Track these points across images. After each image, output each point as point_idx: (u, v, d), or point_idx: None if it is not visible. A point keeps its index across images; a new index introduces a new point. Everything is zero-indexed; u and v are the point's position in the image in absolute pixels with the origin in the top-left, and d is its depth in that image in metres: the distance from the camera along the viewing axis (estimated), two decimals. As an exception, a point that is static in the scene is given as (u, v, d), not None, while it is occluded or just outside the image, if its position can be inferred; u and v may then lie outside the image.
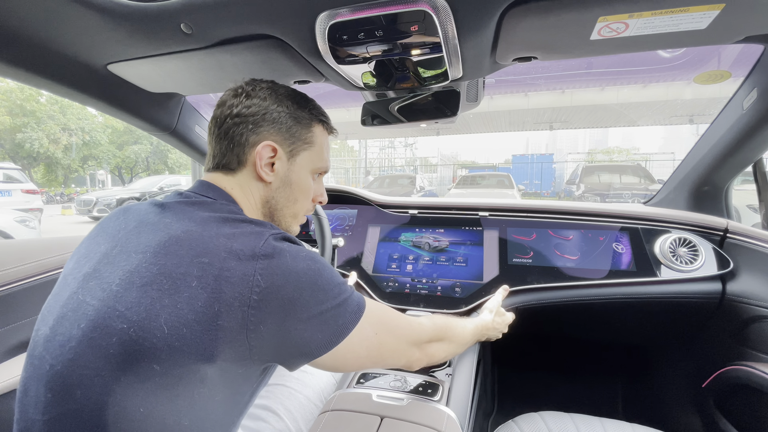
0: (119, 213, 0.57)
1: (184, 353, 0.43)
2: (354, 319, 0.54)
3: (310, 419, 0.82)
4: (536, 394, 1.56)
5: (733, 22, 0.62)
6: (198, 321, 0.44)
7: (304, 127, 0.65)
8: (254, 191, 0.63)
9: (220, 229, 0.50)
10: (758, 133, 0.99)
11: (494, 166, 22.70)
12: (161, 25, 0.66)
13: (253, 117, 0.61)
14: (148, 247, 0.48)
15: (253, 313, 0.46)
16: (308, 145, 0.66)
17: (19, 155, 14.55)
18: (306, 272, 0.50)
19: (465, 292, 1.13)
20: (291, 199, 0.67)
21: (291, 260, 0.50)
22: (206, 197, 0.58)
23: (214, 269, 0.46)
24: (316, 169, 0.69)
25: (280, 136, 0.63)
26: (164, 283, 0.45)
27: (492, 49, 0.72)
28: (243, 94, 0.62)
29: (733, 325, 1.03)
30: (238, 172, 0.62)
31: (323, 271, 0.53)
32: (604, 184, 10.17)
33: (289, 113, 0.63)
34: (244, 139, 0.61)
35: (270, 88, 0.64)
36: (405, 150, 30.83)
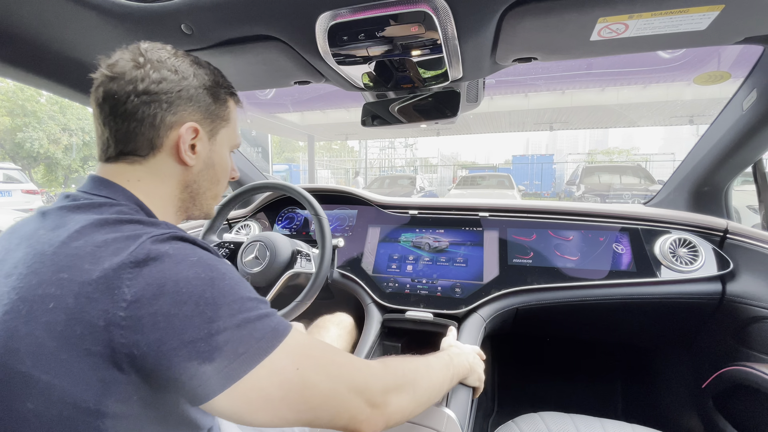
0: (8, 230, 0.49)
1: (62, 390, 0.36)
2: (265, 346, 0.41)
3: None
4: (536, 394, 1.56)
5: (732, 23, 0.62)
6: (62, 349, 0.36)
7: (222, 103, 0.60)
8: (170, 178, 0.56)
9: (93, 236, 0.41)
10: (758, 133, 0.99)
11: (494, 166, 22.69)
12: (162, 25, 0.66)
13: (167, 95, 0.52)
14: (16, 268, 0.41)
15: (122, 334, 0.37)
16: (226, 122, 0.61)
17: (19, 155, 14.55)
18: (191, 280, 0.40)
19: (465, 292, 1.13)
20: (214, 180, 0.62)
21: (172, 266, 0.40)
22: (97, 196, 0.49)
23: (74, 285, 0.38)
24: (233, 145, 0.65)
25: (200, 114, 0.56)
26: (21, 308, 0.38)
27: (492, 50, 0.72)
28: (147, 65, 0.52)
29: (733, 325, 1.03)
30: (150, 159, 0.54)
31: (219, 279, 0.42)
32: (604, 184, 10.17)
33: (206, 89, 0.57)
34: (158, 120, 0.52)
35: (175, 56, 0.55)
36: (405, 150, 30.83)
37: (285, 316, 1.02)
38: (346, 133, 17.76)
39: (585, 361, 1.57)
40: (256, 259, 1.02)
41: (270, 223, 1.50)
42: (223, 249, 1.10)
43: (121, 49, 0.54)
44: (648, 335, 1.30)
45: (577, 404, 1.47)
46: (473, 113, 11.80)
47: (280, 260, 1.03)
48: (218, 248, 1.10)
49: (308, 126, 14.88)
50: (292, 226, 1.48)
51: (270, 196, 1.53)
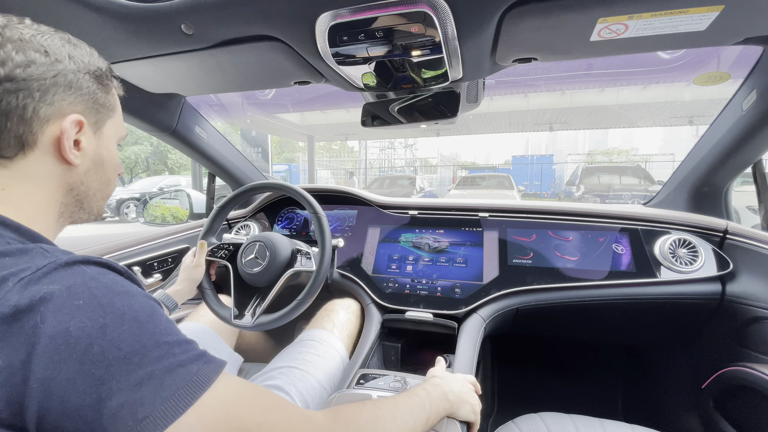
0: None
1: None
2: (178, 404, 0.33)
3: (320, 402, 0.82)
4: (536, 395, 1.56)
5: (732, 23, 0.62)
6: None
7: (106, 90, 0.51)
8: (48, 181, 0.46)
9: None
10: (758, 134, 0.99)
11: (494, 167, 22.70)
12: (162, 25, 0.66)
13: (38, 82, 0.43)
14: None
15: (22, 379, 0.30)
16: (111, 111, 0.53)
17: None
18: (72, 333, 0.32)
19: (465, 293, 1.13)
20: (104, 180, 0.53)
21: (50, 316, 0.32)
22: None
23: None
24: (121, 138, 0.56)
25: (83, 105, 0.47)
26: None
27: (492, 50, 0.73)
28: (8, 44, 0.41)
29: (733, 326, 1.03)
30: (19, 160, 0.44)
31: (114, 326, 0.33)
32: (604, 185, 10.18)
33: (88, 73, 0.48)
34: (29, 112, 0.43)
35: (41, 33, 0.45)
36: (405, 151, 30.85)
37: (286, 315, 1.01)
38: (345, 133, 17.77)
39: (585, 361, 1.57)
40: (256, 259, 1.02)
41: (270, 223, 1.50)
42: (222, 250, 1.10)
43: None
44: (648, 336, 1.30)
45: (577, 404, 1.47)
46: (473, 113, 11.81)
47: (280, 260, 1.03)
48: (218, 249, 1.09)
49: (308, 126, 14.88)
50: (292, 226, 1.48)
51: (270, 196, 1.53)
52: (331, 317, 1.07)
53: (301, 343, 0.97)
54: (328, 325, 1.04)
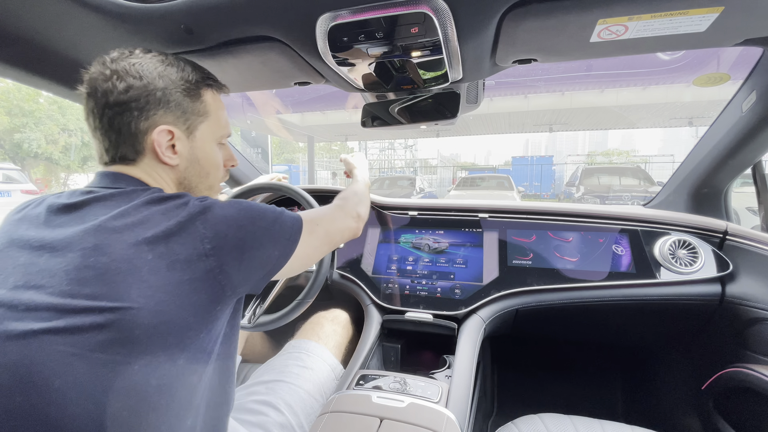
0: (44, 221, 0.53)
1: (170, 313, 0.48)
2: (297, 226, 0.62)
3: (311, 413, 0.82)
4: (536, 396, 1.56)
5: (732, 24, 0.63)
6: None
7: (194, 99, 0.61)
8: (163, 176, 0.60)
9: (150, 209, 0.51)
10: (757, 135, 0.99)
11: (494, 167, 22.71)
12: (162, 26, 0.66)
13: (136, 102, 0.55)
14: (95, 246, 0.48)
15: (213, 259, 0.50)
16: (203, 116, 0.62)
17: (18, 156, 14.54)
18: (239, 212, 0.55)
19: (465, 293, 1.13)
20: (203, 174, 0.65)
21: (221, 209, 0.54)
22: (118, 188, 0.55)
23: (161, 239, 0.49)
24: (219, 137, 0.66)
25: (172, 115, 0.58)
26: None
27: (492, 51, 0.73)
28: (114, 77, 0.55)
29: (733, 327, 1.03)
30: (140, 162, 0.58)
31: (251, 206, 0.58)
32: (604, 186, 10.19)
33: (174, 87, 0.58)
34: (133, 128, 0.56)
35: (141, 60, 0.57)
36: (405, 152, 30.84)
37: (286, 315, 1.01)
38: (345, 134, 17.76)
39: (585, 362, 1.57)
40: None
41: None
42: None
43: (94, 63, 0.57)
44: (648, 336, 1.30)
45: (577, 405, 1.47)
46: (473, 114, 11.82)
47: None
48: None
49: (308, 127, 14.88)
50: (292, 226, 1.48)
51: (270, 196, 1.53)
52: (316, 330, 1.06)
53: (286, 354, 0.96)
54: (314, 336, 1.03)
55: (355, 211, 0.83)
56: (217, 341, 0.54)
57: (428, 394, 0.79)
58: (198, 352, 0.50)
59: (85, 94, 0.57)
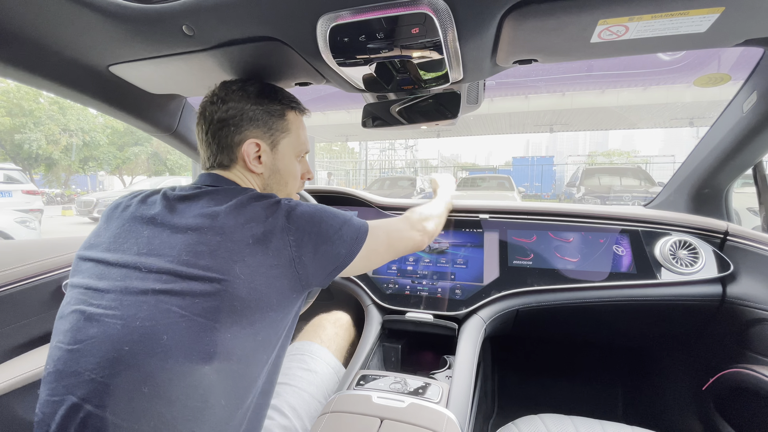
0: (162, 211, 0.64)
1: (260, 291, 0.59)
2: (363, 230, 0.70)
3: (315, 416, 0.82)
4: (536, 396, 1.56)
5: (732, 25, 0.63)
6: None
7: (279, 118, 0.74)
8: (251, 181, 0.73)
9: (254, 205, 0.62)
10: (758, 135, 0.99)
11: (494, 168, 22.72)
12: (163, 26, 0.66)
13: (233, 119, 0.69)
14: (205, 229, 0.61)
15: (294, 249, 0.60)
16: (286, 133, 0.75)
17: (19, 156, 14.55)
18: (316, 212, 0.65)
19: (465, 294, 1.13)
20: (282, 183, 0.77)
21: (304, 209, 0.64)
22: (221, 186, 0.67)
23: (261, 230, 0.59)
24: (298, 152, 0.79)
25: (260, 131, 0.71)
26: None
27: (492, 52, 0.73)
28: (219, 101, 0.70)
29: (734, 327, 1.03)
30: (233, 168, 0.72)
31: (326, 209, 0.67)
32: (605, 186, 10.18)
33: (263, 109, 0.72)
34: (229, 140, 0.70)
35: (240, 89, 0.72)
36: (405, 152, 30.85)
37: None
38: (346, 134, 17.79)
39: (585, 362, 1.56)
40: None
41: None
42: None
43: (207, 92, 0.74)
44: (648, 337, 1.30)
45: (578, 406, 1.47)
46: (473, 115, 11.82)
47: None
48: None
49: (308, 127, 14.86)
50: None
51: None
52: (318, 332, 1.05)
53: (289, 357, 0.95)
54: (317, 339, 1.03)
55: (422, 225, 0.89)
56: (285, 328, 0.64)
57: (429, 395, 0.79)
58: (272, 334, 0.60)
59: (198, 113, 0.73)
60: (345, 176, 23.74)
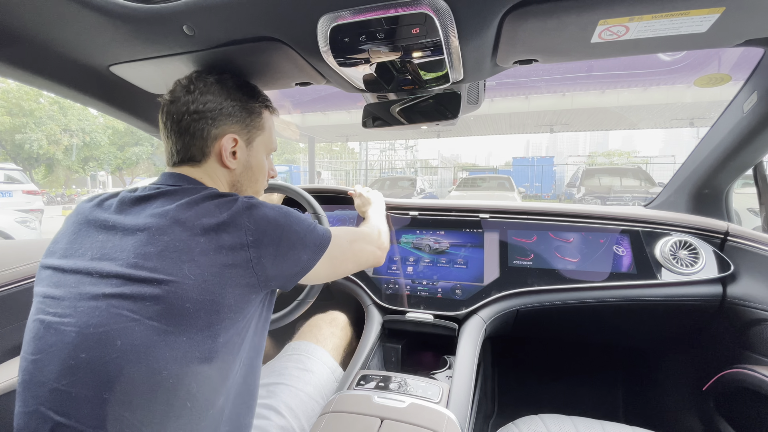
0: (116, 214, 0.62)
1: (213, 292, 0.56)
2: (327, 237, 0.69)
3: (312, 416, 0.82)
4: (536, 396, 1.56)
5: (733, 25, 0.63)
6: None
7: (256, 116, 0.74)
8: (221, 177, 0.71)
9: (207, 203, 0.60)
10: (758, 136, 0.99)
11: (495, 168, 22.70)
12: (164, 26, 0.66)
13: (211, 112, 0.67)
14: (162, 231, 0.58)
15: (252, 250, 0.58)
16: (261, 130, 0.75)
17: (20, 156, 14.55)
18: (279, 215, 0.63)
19: (465, 294, 1.13)
20: (253, 179, 0.76)
21: (266, 210, 0.62)
22: (181, 186, 0.65)
23: (213, 226, 0.57)
24: (269, 150, 0.79)
25: (238, 126, 0.70)
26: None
27: (493, 52, 0.73)
28: (196, 91, 0.68)
29: (734, 327, 1.03)
30: (204, 163, 0.69)
31: (289, 212, 0.65)
32: (605, 186, 10.17)
33: (242, 105, 0.71)
34: (205, 133, 0.67)
35: (219, 82, 0.70)
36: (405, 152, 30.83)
37: (286, 316, 1.02)
38: (346, 134, 17.77)
39: (586, 363, 1.56)
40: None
41: None
42: None
43: (178, 80, 0.71)
44: (649, 337, 1.30)
45: (578, 406, 1.47)
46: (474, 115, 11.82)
47: None
48: None
49: (309, 127, 14.88)
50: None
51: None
52: (314, 332, 1.06)
53: (286, 356, 0.96)
54: (313, 339, 1.03)
55: (380, 241, 0.91)
56: (249, 329, 0.62)
57: (429, 395, 0.79)
58: (234, 335, 0.57)
59: (167, 101, 0.69)
60: (345, 176, 23.74)
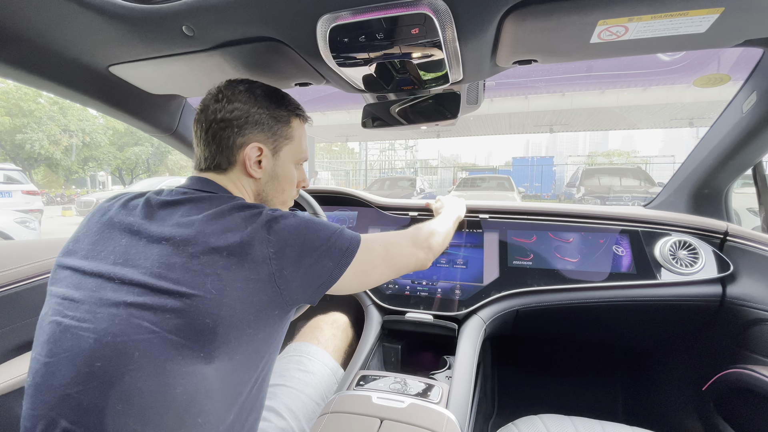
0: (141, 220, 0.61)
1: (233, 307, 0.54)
2: (355, 241, 0.65)
3: (313, 417, 0.82)
4: (536, 396, 1.56)
5: (732, 25, 0.63)
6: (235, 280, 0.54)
7: (284, 124, 0.71)
8: (246, 186, 0.70)
9: (234, 215, 0.59)
10: (758, 136, 0.99)
11: (494, 168, 22.71)
12: (163, 27, 0.66)
13: (237, 121, 0.66)
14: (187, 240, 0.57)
15: (274, 263, 0.56)
16: (289, 140, 0.73)
17: (19, 156, 14.55)
18: (301, 223, 0.61)
19: (465, 294, 1.13)
20: (279, 189, 0.74)
21: (288, 220, 0.60)
22: (209, 192, 0.64)
23: (237, 241, 0.55)
24: (298, 160, 0.76)
25: (264, 135, 0.68)
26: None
27: (492, 52, 0.73)
28: (224, 99, 0.67)
29: (734, 327, 1.03)
30: (229, 171, 0.68)
31: (313, 220, 0.63)
32: (605, 186, 10.18)
33: (269, 113, 0.69)
34: (231, 142, 0.66)
35: (248, 90, 0.69)
36: (405, 152, 30.85)
37: None
38: (346, 134, 17.80)
39: (585, 363, 1.56)
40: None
41: None
42: None
43: (210, 89, 0.70)
44: (648, 337, 1.30)
45: (578, 406, 1.47)
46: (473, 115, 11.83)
47: None
48: None
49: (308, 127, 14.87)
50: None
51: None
52: (315, 333, 1.06)
53: (287, 358, 0.95)
54: (314, 340, 1.03)
55: (427, 242, 0.83)
56: (270, 346, 0.60)
57: (429, 395, 0.79)
58: (253, 352, 0.56)
59: (198, 111, 0.69)
60: (345, 176, 23.73)
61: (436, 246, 0.85)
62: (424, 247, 0.81)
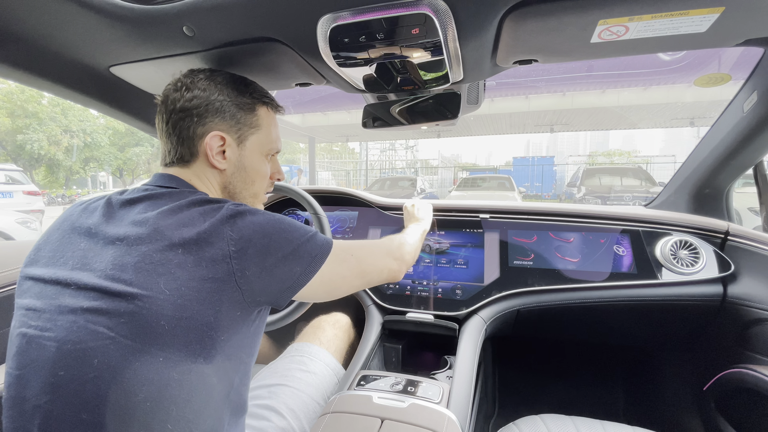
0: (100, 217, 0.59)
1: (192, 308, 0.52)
2: (326, 248, 0.62)
3: (314, 418, 0.82)
4: (537, 396, 1.56)
5: (733, 25, 0.63)
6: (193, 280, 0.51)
7: (248, 112, 0.68)
8: (211, 179, 0.67)
9: (191, 210, 0.56)
10: (759, 135, 0.99)
11: (495, 168, 22.68)
12: (164, 27, 0.66)
13: (197, 109, 0.63)
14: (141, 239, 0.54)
15: (235, 262, 0.53)
16: (255, 128, 0.69)
17: (21, 157, 14.57)
18: (269, 222, 0.57)
19: (465, 294, 1.13)
20: (248, 181, 0.70)
21: (253, 217, 0.57)
22: (170, 188, 0.61)
23: (193, 237, 0.53)
24: (267, 151, 0.72)
25: (226, 124, 0.65)
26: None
27: (493, 52, 0.73)
28: (183, 88, 0.64)
29: (735, 327, 1.02)
30: (193, 164, 0.65)
31: (283, 219, 0.60)
32: (605, 186, 10.17)
33: (231, 100, 0.66)
34: (191, 132, 0.64)
35: (208, 78, 0.66)
36: (406, 152, 30.85)
37: (287, 316, 1.02)
38: (346, 134, 17.79)
39: (586, 363, 1.56)
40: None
41: None
42: None
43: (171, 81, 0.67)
44: (649, 337, 1.30)
45: (579, 406, 1.47)
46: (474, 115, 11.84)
47: None
48: None
49: (309, 128, 14.90)
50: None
51: (270, 197, 1.53)
52: (317, 333, 1.06)
53: (289, 358, 0.95)
54: (316, 340, 1.03)
55: (399, 252, 0.81)
56: (237, 349, 0.56)
57: (429, 395, 0.79)
58: (218, 354, 0.52)
59: (159, 102, 0.66)
60: (345, 177, 23.74)
61: (408, 257, 0.84)
62: (397, 258, 0.79)
